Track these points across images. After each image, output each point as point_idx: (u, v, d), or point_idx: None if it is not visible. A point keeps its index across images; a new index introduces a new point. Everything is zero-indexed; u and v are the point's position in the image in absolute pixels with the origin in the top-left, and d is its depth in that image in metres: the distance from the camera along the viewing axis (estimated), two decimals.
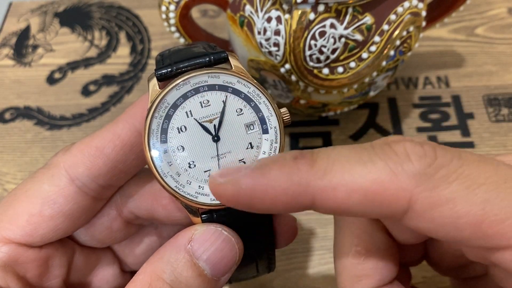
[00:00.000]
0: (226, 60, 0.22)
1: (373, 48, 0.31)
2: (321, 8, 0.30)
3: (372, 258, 0.21)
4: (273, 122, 0.21)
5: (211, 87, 0.21)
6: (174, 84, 0.21)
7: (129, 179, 0.24)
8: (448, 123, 0.42)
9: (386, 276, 0.21)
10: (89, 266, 0.26)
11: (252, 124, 0.21)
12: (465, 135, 0.41)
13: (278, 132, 0.21)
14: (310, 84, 0.33)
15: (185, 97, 0.21)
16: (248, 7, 0.33)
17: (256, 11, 0.32)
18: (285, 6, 0.31)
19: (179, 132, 0.21)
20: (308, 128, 0.42)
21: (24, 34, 0.52)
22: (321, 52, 0.31)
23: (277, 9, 0.31)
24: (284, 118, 0.22)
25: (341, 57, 0.32)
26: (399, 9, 0.31)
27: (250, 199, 0.17)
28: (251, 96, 0.21)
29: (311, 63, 0.32)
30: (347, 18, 0.30)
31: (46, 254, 0.23)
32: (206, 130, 0.21)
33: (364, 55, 0.32)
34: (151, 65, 0.48)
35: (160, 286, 0.19)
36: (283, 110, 0.22)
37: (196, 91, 0.21)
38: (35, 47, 0.50)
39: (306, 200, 0.17)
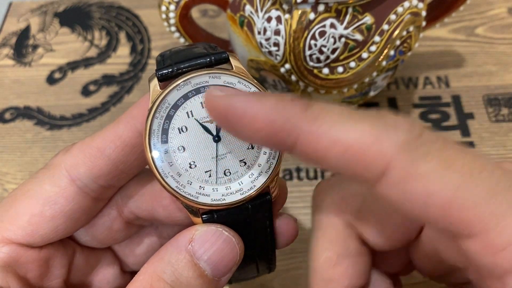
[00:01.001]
0: (227, 61, 0.22)
1: (373, 48, 0.31)
2: (321, 8, 0.30)
3: (343, 264, 0.21)
4: None
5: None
6: (175, 85, 0.21)
7: (130, 179, 0.24)
8: (448, 123, 0.42)
9: (355, 283, 0.21)
10: (90, 267, 0.26)
11: None
12: (465, 135, 0.41)
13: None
14: (310, 84, 0.33)
15: (186, 97, 0.21)
16: (248, 7, 0.33)
17: (256, 11, 0.32)
18: (285, 6, 0.31)
19: (180, 133, 0.20)
20: None
21: (24, 34, 0.52)
22: (321, 52, 0.31)
23: (277, 9, 0.31)
24: None
25: (341, 57, 0.32)
26: (399, 9, 0.31)
27: (238, 119, 0.17)
28: None
29: (311, 63, 0.32)
30: (347, 18, 0.30)
31: (46, 255, 0.23)
32: (207, 130, 0.21)
33: (364, 55, 0.32)
34: (151, 65, 0.48)
35: (161, 287, 0.19)
36: None
37: (197, 91, 0.21)
38: (35, 47, 0.50)
39: (289, 140, 0.17)
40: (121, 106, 0.45)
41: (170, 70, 0.21)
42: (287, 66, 0.32)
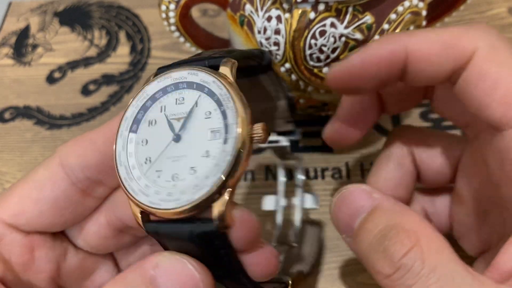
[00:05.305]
0: (217, 69, 0.20)
1: None
2: (321, 7, 0.30)
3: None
4: (233, 133, 0.18)
5: (190, 85, 0.20)
6: (157, 77, 0.20)
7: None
8: (448, 122, 0.42)
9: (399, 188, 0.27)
10: (85, 271, 0.25)
11: (217, 131, 0.19)
12: None
13: (233, 145, 0.18)
14: (310, 83, 0.33)
15: (164, 91, 0.20)
16: (248, 6, 0.33)
17: (256, 10, 0.32)
18: (285, 5, 0.31)
19: (148, 125, 0.20)
20: (308, 128, 0.42)
21: (23, 34, 0.52)
22: (321, 51, 0.31)
23: (277, 8, 0.31)
24: (254, 136, 0.19)
25: (342, 57, 0.32)
26: (400, 8, 0.31)
27: (361, 68, 0.23)
28: (221, 100, 0.19)
29: (311, 63, 0.32)
30: (348, 17, 0.30)
31: (31, 242, 0.23)
32: (171, 128, 0.20)
33: None
34: (151, 64, 0.48)
35: None
36: (258, 126, 0.19)
37: (176, 87, 0.20)
38: (34, 46, 0.50)
39: (401, 52, 0.22)
40: (121, 106, 0.45)
41: (168, 65, 0.21)
42: (287, 65, 0.32)
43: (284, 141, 0.30)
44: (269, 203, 0.32)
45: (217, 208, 0.18)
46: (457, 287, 0.18)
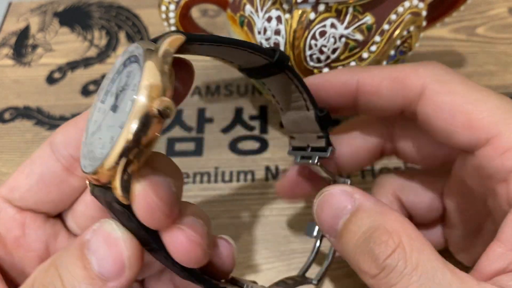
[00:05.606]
0: (155, 41, 0.19)
1: (373, 48, 0.31)
2: (321, 7, 0.30)
3: None
4: (132, 106, 0.18)
5: (136, 58, 0.20)
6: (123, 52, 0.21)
7: None
8: None
9: None
10: None
11: (133, 102, 0.18)
12: None
13: (130, 118, 0.17)
14: None
15: (125, 65, 0.20)
16: (248, 7, 0.33)
17: (256, 10, 0.32)
18: (285, 6, 0.31)
19: (110, 97, 0.21)
20: None
21: (23, 34, 0.52)
22: (321, 52, 0.31)
23: (277, 9, 0.31)
24: (152, 112, 0.17)
25: (342, 57, 0.32)
26: (400, 9, 0.31)
27: (315, 90, 0.25)
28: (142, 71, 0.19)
29: (311, 63, 0.32)
30: (348, 17, 0.30)
31: (23, 219, 0.24)
32: (116, 98, 0.20)
33: (365, 55, 0.32)
34: None
35: (52, 271, 0.20)
36: (164, 99, 0.17)
37: (130, 60, 0.20)
38: (34, 47, 0.50)
39: (353, 84, 0.25)
40: None
41: None
42: None
43: (314, 158, 0.28)
44: (311, 230, 0.31)
45: (115, 179, 0.18)
46: (438, 283, 0.19)
